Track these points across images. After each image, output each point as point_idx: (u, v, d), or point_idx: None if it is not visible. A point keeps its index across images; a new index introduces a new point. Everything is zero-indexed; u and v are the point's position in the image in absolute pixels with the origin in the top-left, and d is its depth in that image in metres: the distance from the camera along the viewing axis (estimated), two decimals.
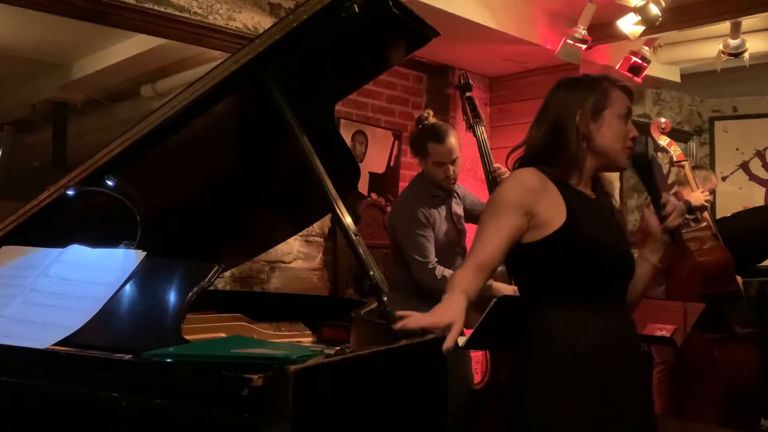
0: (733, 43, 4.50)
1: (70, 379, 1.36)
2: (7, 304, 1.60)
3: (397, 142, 4.60)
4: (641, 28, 3.96)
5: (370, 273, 1.69)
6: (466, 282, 1.70)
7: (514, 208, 1.77)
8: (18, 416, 1.39)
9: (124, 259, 1.65)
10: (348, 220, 1.75)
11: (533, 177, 1.82)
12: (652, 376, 3.87)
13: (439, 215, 3.14)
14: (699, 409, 3.64)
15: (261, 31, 2.39)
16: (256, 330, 2.05)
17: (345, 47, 1.85)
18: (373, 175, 4.48)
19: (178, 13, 3.00)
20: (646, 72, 4.51)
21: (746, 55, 4.53)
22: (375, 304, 1.73)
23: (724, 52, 4.56)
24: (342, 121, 4.22)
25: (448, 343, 1.53)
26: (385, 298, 1.67)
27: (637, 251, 1.96)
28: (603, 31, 4.23)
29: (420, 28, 1.85)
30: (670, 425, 3.37)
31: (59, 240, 1.73)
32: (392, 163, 4.60)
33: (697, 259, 3.74)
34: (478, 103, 3.60)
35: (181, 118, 1.73)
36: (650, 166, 1.91)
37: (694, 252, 3.76)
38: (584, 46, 4.12)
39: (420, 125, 3.26)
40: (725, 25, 4.43)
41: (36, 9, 2.63)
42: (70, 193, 1.76)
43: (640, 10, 3.86)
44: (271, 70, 1.77)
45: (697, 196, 3.85)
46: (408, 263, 3.07)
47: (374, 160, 4.48)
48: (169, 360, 1.33)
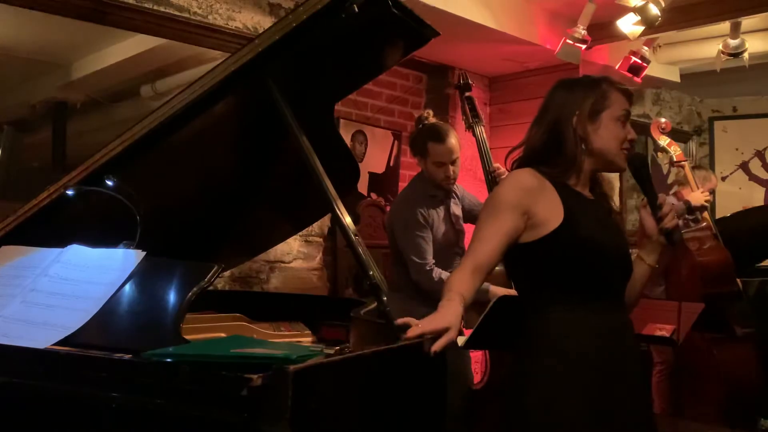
0: (733, 43, 4.49)
1: (70, 379, 1.36)
2: (6, 304, 1.60)
3: (396, 142, 4.60)
4: (641, 28, 3.95)
5: (370, 273, 1.70)
6: (463, 284, 1.71)
7: (511, 209, 1.78)
8: (18, 416, 1.39)
9: (124, 259, 1.65)
10: (348, 220, 1.75)
11: (530, 177, 1.83)
12: (652, 376, 3.87)
13: (438, 216, 3.13)
14: (698, 409, 3.63)
15: (261, 31, 2.39)
16: (256, 330, 2.05)
17: (344, 47, 1.85)
18: (372, 175, 4.47)
19: (178, 13, 3.00)
20: (646, 72, 4.50)
21: (746, 55, 4.53)
22: (374, 304, 1.73)
23: (723, 52, 4.55)
24: (342, 121, 4.22)
25: (436, 345, 1.52)
26: (385, 298, 1.68)
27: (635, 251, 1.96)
28: (602, 31, 4.22)
29: (420, 28, 1.85)
30: (669, 425, 3.37)
31: (59, 240, 1.73)
32: (392, 163, 4.59)
33: (697, 259, 3.75)
34: (477, 103, 3.61)
35: (180, 118, 1.74)
36: (646, 167, 1.92)
37: (694, 252, 3.76)
38: (584, 46, 4.12)
39: (420, 125, 3.25)
40: (725, 25, 4.42)
41: (36, 9, 2.63)
42: (70, 193, 1.76)
43: (640, 10, 3.85)
44: (271, 70, 1.77)
45: (697, 196, 3.85)
46: (406, 263, 3.07)
47: (374, 160, 4.47)
48: (168, 360, 1.33)
